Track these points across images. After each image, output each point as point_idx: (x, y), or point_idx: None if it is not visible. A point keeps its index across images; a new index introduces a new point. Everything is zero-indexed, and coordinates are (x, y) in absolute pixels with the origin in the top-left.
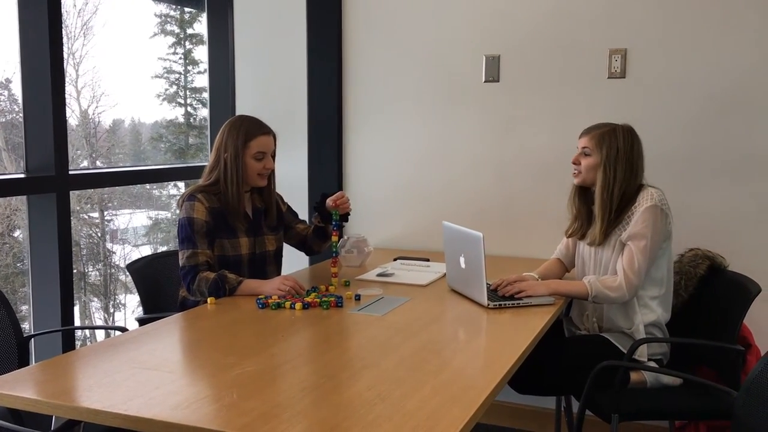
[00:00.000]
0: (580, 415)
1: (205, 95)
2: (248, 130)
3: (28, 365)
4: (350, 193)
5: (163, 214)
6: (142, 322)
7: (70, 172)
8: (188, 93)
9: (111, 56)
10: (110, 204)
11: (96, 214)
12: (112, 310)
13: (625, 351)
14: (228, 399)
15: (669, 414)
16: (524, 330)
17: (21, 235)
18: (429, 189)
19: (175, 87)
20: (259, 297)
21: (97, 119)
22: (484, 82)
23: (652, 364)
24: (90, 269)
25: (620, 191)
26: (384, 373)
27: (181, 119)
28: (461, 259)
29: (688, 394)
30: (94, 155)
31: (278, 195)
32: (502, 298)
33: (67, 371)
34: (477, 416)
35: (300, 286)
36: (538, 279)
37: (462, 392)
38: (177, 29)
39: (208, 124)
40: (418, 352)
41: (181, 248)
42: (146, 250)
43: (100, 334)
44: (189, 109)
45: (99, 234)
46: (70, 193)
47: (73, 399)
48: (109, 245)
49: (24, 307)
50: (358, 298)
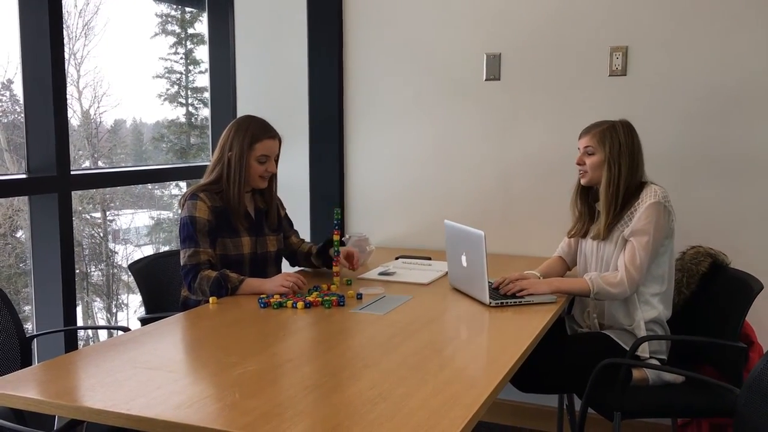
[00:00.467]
0: (583, 413)
1: (207, 95)
2: (255, 132)
3: (31, 365)
4: (351, 192)
5: (165, 214)
6: (144, 321)
7: (72, 173)
8: (189, 93)
9: (112, 56)
10: (112, 204)
11: (98, 214)
12: (114, 310)
13: (627, 348)
14: (230, 398)
15: (671, 411)
16: (526, 328)
17: (23, 236)
18: (430, 188)
19: (176, 87)
20: (261, 296)
21: (98, 119)
22: (485, 80)
23: (654, 361)
24: (92, 269)
25: (625, 185)
26: (386, 371)
27: (183, 119)
28: (463, 258)
29: (691, 392)
30: (95, 155)
31: (278, 199)
32: (504, 296)
33: (70, 371)
34: (479, 415)
35: (303, 282)
36: (540, 277)
37: (464, 391)
38: (178, 29)
39: (210, 123)
40: (419, 351)
41: (183, 247)
42: (148, 250)
43: (103, 334)
44: (190, 108)
45: (101, 234)
46: (72, 193)
47: (76, 399)
48: (111, 245)
49: (26, 308)
50: (359, 297)
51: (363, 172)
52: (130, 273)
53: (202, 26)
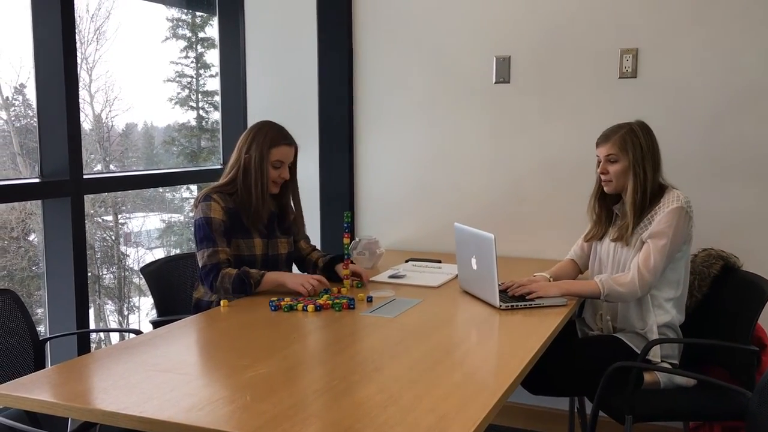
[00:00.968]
0: (594, 416)
1: (217, 98)
2: (273, 137)
3: (45, 368)
4: (362, 195)
5: (176, 217)
6: (156, 324)
7: (85, 176)
8: (200, 96)
9: (123, 61)
10: (124, 207)
11: (110, 218)
12: (126, 312)
13: (638, 352)
14: (242, 401)
15: (683, 415)
16: (537, 331)
17: (36, 239)
18: (440, 190)
19: (187, 90)
20: (272, 299)
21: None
22: (495, 83)
23: (666, 365)
24: (104, 272)
25: (651, 188)
26: (396, 374)
27: (193, 122)
28: (473, 261)
29: (702, 395)
30: (107, 159)
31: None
32: (514, 299)
33: (83, 374)
34: (490, 418)
35: (325, 283)
36: (550, 280)
37: (475, 394)
38: (189, 33)
39: (220, 127)
40: (430, 354)
41: (201, 248)
42: (159, 253)
43: (115, 337)
44: (201, 112)
45: (113, 237)
46: (85, 196)
47: (89, 401)
48: (122, 248)
49: (39, 310)
50: (370, 299)
51: (373, 174)
52: (141, 276)
53: (212, 30)
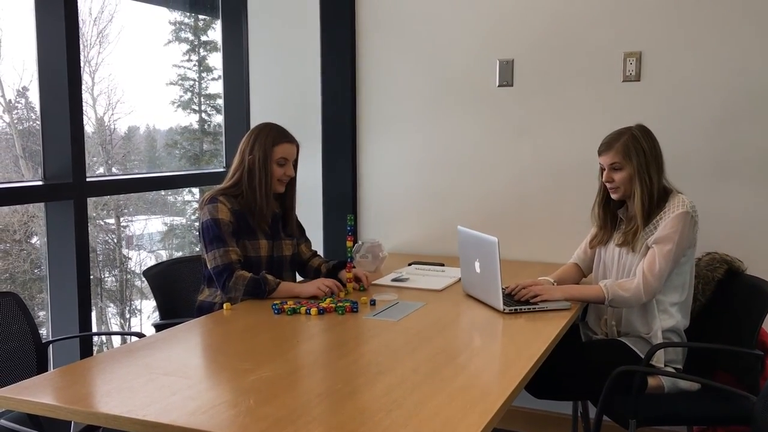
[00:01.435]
0: (598, 420)
1: (220, 102)
2: (275, 136)
3: (47, 371)
4: (364, 198)
5: (178, 220)
6: (159, 327)
7: (87, 179)
8: (202, 100)
9: (126, 64)
10: (126, 210)
11: (112, 221)
12: (128, 315)
13: (642, 356)
14: (245, 404)
15: (687, 419)
16: (540, 335)
17: (38, 242)
18: (443, 194)
19: (189, 94)
20: (275, 302)
21: (112, 126)
22: (498, 86)
23: (670, 369)
24: (106, 275)
25: (657, 192)
26: (400, 378)
27: (196, 126)
28: (476, 264)
29: (707, 400)
30: (109, 162)
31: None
32: (518, 303)
33: (86, 377)
34: (494, 422)
35: (339, 289)
36: (554, 283)
37: (478, 398)
38: (191, 36)
39: (223, 130)
40: (433, 358)
41: (211, 248)
42: (162, 256)
43: (117, 340)
44: (203, 115)
45: (115, 240)
46: (87, 199)
47: (92, 404)
48: (125, 251)
49: (41, 313)
50: (373, 303)
51: (376, 177)
52: (144, 279)
53: (215, 33)
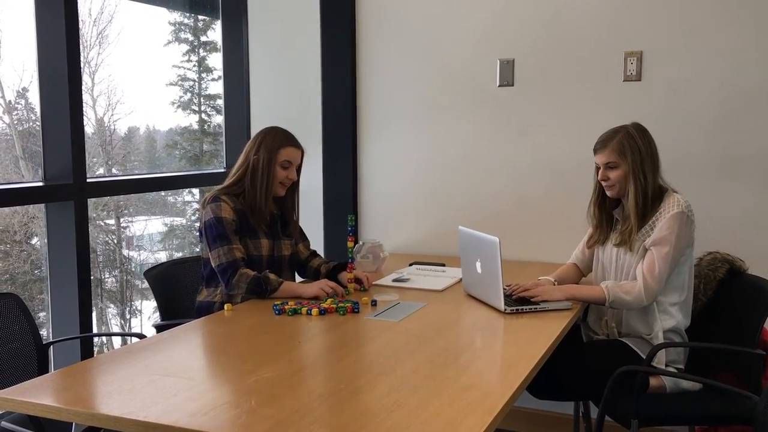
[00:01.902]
0: (600, 420)
1: (220, 102)
2: (282, 139)
3: (48, 372)
4: (365, 199)
5: (179, 220)
6: (160, 328)
7: (88, 180)
8: (202, 100)
9: (126, 64)
10: (126, 211)
11: (112, 221)
12: (128, 316)
13: (644, 356)
14: (246, 405)
15: (689, 419)
16: (542, 335)
17: (39, 243)
18: (444, 194)
19: (189, 94)
20: (276, 303)
21: (112, 127)
22: (499, 86)
23: (671, 369)
24: (106, 276)
25: (651, 190)
26: (401, 379)
27: (196, 126)
28: (477, 264)
29: (708, 399)
30: (109, 163)
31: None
32: (519, 303)
33: (86, 378)
34: (496, 423)
35: (341, 291)
36: (555, 283)
37: (480, 399)
38: (191, 37)
39: (223, 131)
40: (435, 358)
41: (215, 247)
42: (162, 257)
43: (117, 341)
44: (203, 116)
45: (115, 241)
46: (87, 200)
47: (93, 406)
48: (125, 252)
49: (41, 314)
50: (374, 303)
51: (376, 178)
52: (144, 279)
53: (215, 34)
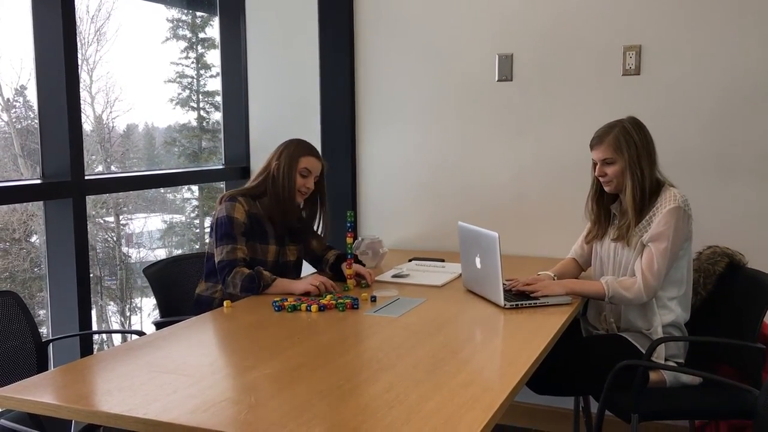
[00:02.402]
0: (600, 415)
1: (218, 99)
2: (303, 149)
3: (47, 370)
4: (364, 195)
5: (178, 217)
6: (159, 325)
7: (86, 178)
8: (201, 97)
9: (124, 62)
10: (125, 208)
11: (111, 219)
12: (128, 313)
13: (643, 351)
14: (246, 402)
15: (689, 413)
16: (542, 330)
17: (38, 240)
18: (443, 189)
19: (187, 91)
20: (275, 300)
21: (111, 124)
22: (498, 81)
23: (671, 363)
24: (106, 273)
25: (648, 185)
26: (401, 374)
27: (194, 123)
28: (477, 260)
29: (709, 394)
30: (108, 160)
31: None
32: (519, 298)
33: (86, 376)
34: (496, 418)
35: (331, 285)
36: (554, 278)
37: (480, 394)
38: (189, 34)
39: (221, 127)
40: (435, 354)
41: (220, 244)
42: (161, 254)
43: (117, 338)
44: (202, 113)
45: (114, 238)
46: (86, 197)
47: (92, 403)
48: (124, 249)
49: (41, 312)
50: (373, 299)
51: (375, 174)
52: (144, 277)
53: (213, 30)
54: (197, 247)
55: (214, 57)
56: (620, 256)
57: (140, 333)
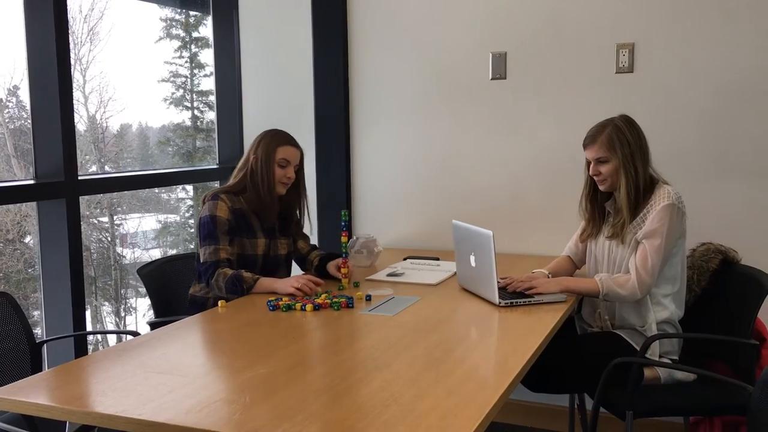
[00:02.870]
0: (595, 412)
1: (212, 98)
2: (279, 139)
3: (41, 371)
4: (358, 194)
5: (172, 217)
6: (154, 326)
7: (80, 178)
8: (195, 96)
9: (117, 61)
10: (119, 208)
11: (106, 219)
12: (123, 314)
13: (638, 348)
14: (241, 402)
15: (684, 410)
16: (536, 328)
17: (31, 241)
18: (438, 188)
19: (181, 90)
20: (270, 299)
21: (104, 124)
22: (491, 79)
23: (666, 360)
24: (100, 273)
25: (642, 182)
26: (396, 373)
27: (188, 122)
28: (471, 258)
29: (703, 390)
30: (102, 160)
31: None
32: (514, 296)
33: (80, 377)
34: (491, 416)
35: (315, 283)
36: (549, 276)
37: (475, 392)
38: (182, 33)
39: (215, 127)
40: (430, 352)
41: (203, 245)
42: (156, 254)
43: (112, 338)
44: (196, 112)
45: (109, 238)
46: (80, 198)
47: (87, 404)
48: (119, 249)
49: (35, 313)
50: (368, 298)
51: (370, 173)
52: (138, 277)
53: (206, 30)
54: (192, 246)
55: (208, 56)
56: (615, 253)
57: (135, 333)
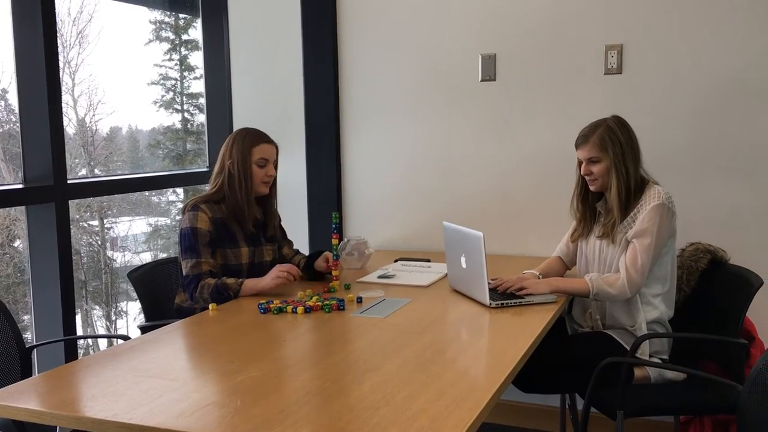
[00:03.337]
0: (585, 412)
1: (202, 101)
2: (252, 138)
3: (31, 376)
4: (349, 196)
5: (163, 220)
6: (144, 329)
7: (69, 181)
8: (185, 99)
9: (107, 64)
10: (110, 212)
11: (95, 222)
12: (114, 317)
13: (628, 347)
14: (232, 405)
15: (674, 409)
16: (527, 328)
17: (21, 245)
18: (428, 189)
19: (171, 93)
20: (261, 302)
21: (94, 127)
22: (481, 81)
23: (656, 360)
24: (91, 277)
25: (633, 182)
26: (388, 375)
27: (179, 125)
28: (462, 259)
29: (693, 389)
30: (92, 163)
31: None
32: (504, 297)
33: (70, 381)
34: (482, 417)
35: (297, 271)
36: (540, 276)
37: (466, 393)
38: (172, 35)
39: (206, 129)
40: (421, 354)
41: (185, 257)
42: (147, 257)
43: (103, 343)
44: (186, 114)
45: (99, 242)
46: (69, 201)
47: (77, 409)
48: (109, 253)
49: (25, 317)
50: (359, 300)
51: (360, 175)
52: (129, 281)
53: (196, 32)
54: None
55: (197, 59)
56: (605, 253)
57: (125, 337)
